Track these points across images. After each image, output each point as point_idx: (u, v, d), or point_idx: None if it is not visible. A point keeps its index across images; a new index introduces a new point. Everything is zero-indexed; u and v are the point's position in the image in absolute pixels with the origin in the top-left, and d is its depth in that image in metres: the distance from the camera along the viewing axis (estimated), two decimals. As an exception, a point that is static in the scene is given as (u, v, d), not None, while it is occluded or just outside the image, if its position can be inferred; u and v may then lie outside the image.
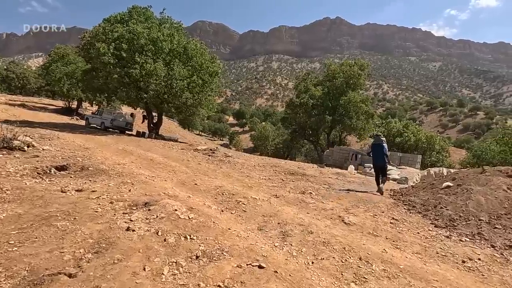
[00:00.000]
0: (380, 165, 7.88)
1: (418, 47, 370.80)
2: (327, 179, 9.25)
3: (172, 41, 18.15)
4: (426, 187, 7.34)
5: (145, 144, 13.61)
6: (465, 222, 5.29)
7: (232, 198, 5.66)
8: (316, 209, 5.48)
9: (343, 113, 22.43)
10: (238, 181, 7.45)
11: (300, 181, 8.57)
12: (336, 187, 8.11)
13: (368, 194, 7.39)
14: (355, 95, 21.02)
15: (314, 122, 22.81)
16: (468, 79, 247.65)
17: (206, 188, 6.30)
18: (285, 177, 9.04)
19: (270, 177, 8.68)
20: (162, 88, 17.57)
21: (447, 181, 6.99)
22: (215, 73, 21.21)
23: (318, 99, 22.99)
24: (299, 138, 27.38)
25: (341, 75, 22.80)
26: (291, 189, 7.09)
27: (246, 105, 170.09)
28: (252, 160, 12.23)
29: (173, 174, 7.53)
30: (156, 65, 16.58)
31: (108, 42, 16.37)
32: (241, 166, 10.19)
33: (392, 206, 6.39)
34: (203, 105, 21.42)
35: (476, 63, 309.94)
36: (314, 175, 9.88)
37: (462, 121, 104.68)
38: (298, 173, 9.89)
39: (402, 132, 22.47)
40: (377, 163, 7.95)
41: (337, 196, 6.82)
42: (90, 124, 21.51)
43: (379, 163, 7.88)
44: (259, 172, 9.58)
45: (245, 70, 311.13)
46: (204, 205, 5.06)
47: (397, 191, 8.05)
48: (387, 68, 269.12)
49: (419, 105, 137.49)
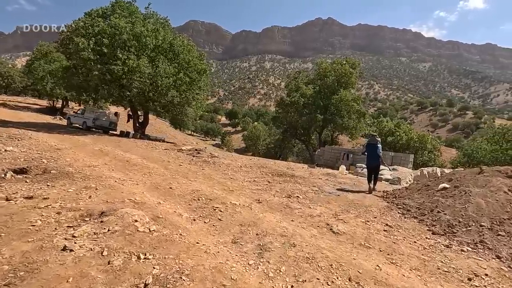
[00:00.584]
0: (373, 165, 7.80)
1: (408, 47, 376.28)
2: (316, 181, 8.71)
3: (157, 36, 17.39)
4: (421, 188, 6.86)
5: (126, 144, 12.84)
6: (465, 228, 4.80)
7: (209, 204, 5.04)
8: (302, 216, 4.91)
9: (334, 112, 22.00)
10: (219, 184, 6.83)
11: (287, 183, 8.00)
12: (325, 189, 7.57)
13: (360, 197, 6.87)
14: (347, 94, 20.61)
15: (305, 121, 22.32)
16: (457, 80, 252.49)
17: (182, 193, 5.67)
18: (272, 179, 8.46)
19: (256, 179, 8.08)
20: (146, 85, 16.79)
21: (443, 183, 6.53)
22: (203, 70, 20.52)
23: (309, 98, 22.51)
24: (291, 137, 26.89)
25: (332, 74, 22.37)
26: (277, 193, 6.51)
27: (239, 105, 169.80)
28: (239, 161, 11.62)
29: (148, 177, 6.86)
30: (140, 61, 15.80)
31: (88, 37, 15.52)
32: (226, 168, 9.57)
33: (385, 211, 5.88)
34: (191, 104, 20.71)
35: (465, 64, 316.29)
36: (303, 176, 9.33)
37: (452, 121, 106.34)
38: (286, 174, 9.33)
39: (394, 131, 22.21)
40: (370, 163, 7.86)
41: (326, 200, 6.27)
42: (72, 124, 20.55)
43: (373, 163, 7.79)
44: (245, 173, 8.98)
45: (237, 70, 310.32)
46: (174, 213, 4.43)
47: (390, 193, 7.57)
48: (378, 69, 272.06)
49: (410, 105, 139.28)
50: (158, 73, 16.50)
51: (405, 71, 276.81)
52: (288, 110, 24.11)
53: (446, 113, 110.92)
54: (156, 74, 16.51)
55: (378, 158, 7.62)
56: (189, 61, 18.92)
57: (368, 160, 7.87)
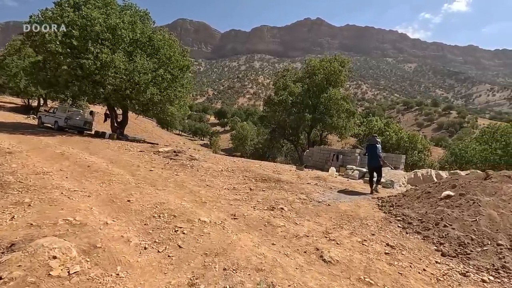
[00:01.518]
0: (374, 166, 7.68)
1: (394, 48, 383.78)
2: (304, 186, 7.83)
3: (135, 29, 16.14)
4: (420, 196, 6.09)
5: (96, 146, 11.62)
6: (480, 248, 4.01)
7: (171, 223, 4.06)
8: (285, 237, 3.99)
9: (323, 111, 21.28)
10: (191, 194, 5.84)
11: (272, 190, 7.09)
12: (314, 196, 6.70)
13: (353, 206, 6.04)
14: (336, 92, 19.93)
15: (294, 121, 21.51)
16: (441, 80, 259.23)
17: (141, 207, 4.65)
18: (255, 185, 7.52)
19: (236, 186, 7.13)
20: (123, 82, 15.53)
21: (446, 189, 5.77)
22: (186, 67, 19.38)
23: (297, 96, 21.71)
24: (279, 137, 26.07)
25: (321, 72, 21.66)
26: (258, 204, 5.57)
27: (228, 104, 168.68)
28: (221, 164, 10.64)
29: (106, 186, 5.80)
30: (115, 56, 14.54)
31: (57, 28, 14.15)
32: (204, 172, 8.57)
33: (384, 224, 5.05)
34: (173, 103, 19.53)
35: (449, 65, 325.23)
36: (290, 181, 8.44)
37: (437, 120, 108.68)
38: (271, 179, 8.42)
39: (384, 131, 21.74)
40: (371, 164, 7.75)
41: (316, 212, 5.39)
42: (44, 124, 18.99)
43: (374, 164, 7.67)
44: (225, 179, 8.01)
45: (227, 69, 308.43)
46: (121, 239, 3.43)
47: (386, 200, 6.78)
48: (365, 69, 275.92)
49: (396, 105, 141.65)
50: (135, 68, 15.27)
51: (392, 71, 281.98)
52: (276, 109, 23.23)
53: (431, 112, 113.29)
54: (133, 70, 15.28)
55: (378, 159, 7.47)
56: (170, 56, 17.74)
57: (369, 161, 7.74)
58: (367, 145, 7.98)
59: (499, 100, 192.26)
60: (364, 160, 15.35)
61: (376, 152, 7.49)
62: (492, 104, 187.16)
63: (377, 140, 7.77)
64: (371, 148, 7.71)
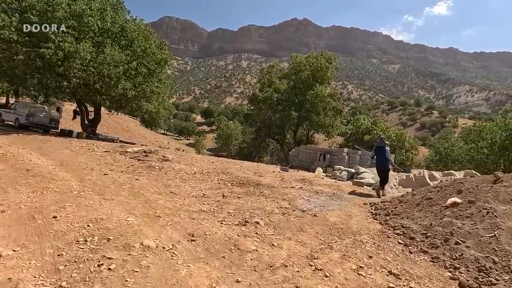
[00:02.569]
0: (383, 169, 7.56)
1: (379, 50, 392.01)
2: (288, 191, 6.84)
3: (104, 18, 14.67)
4: (420, 202, 5.21)
5: (53, 146, 10.19)
6: (507, 275, 3.12)
7: (98, 252, 2.92)
8: (256, 268, 2.94)
9: (309, 108, 20.46)
10: (145, 204, 4.69)
11: (250, 196, 6.05)
12: (298, 204, 5.71)
13: (344, 217, 5.08)
14: (322, 89, 19.13)
15: (279, 119, 20.56)
16: (423, 81, 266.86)
17: (67, 227, 3.48)
18: (230, 190, 6.46)
19: (207, 192, 6.03)
20: (90, 75, 14.06)
21: (451, 196, 4.91)
22: (164, 61, 18.05)
23: (283, 93, 20.77)
24: (265, 136, 25.09)
25: (307, 68, 20.82)
26: (229, 216, 4.51)
27: (215, 103, 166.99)
28: (196, 165, 9.50)
29: (36, 196, 4.57)
30: (80, 45, 13.06)
31: (12, 12, 12.55)
32: (173, 175, 7.42)
33: (381, 240, 4.11)
34: (151, 99, 18.15)
35: (430, 66, 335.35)
36: (272, 184, 7.42)
37: (419, 120, 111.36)
38: (250, 182, 7.38)
39: (371, 129, 21.19)
40: (380, 168, 7.63)
41: (299, 225, 4.39)
42: (4, 121, 17.16)
43: (383, 167, 7.55)
44: (196, 183, 6.90)
45: (214, 69, 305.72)
46: (6, 285, 2.28)
47: (380, 207, 5.88)
48: (351, 69, 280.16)
49: (381, 105, 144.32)
50: (104, 60, 13.83)
51: (376, 72, 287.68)
52: (260, 107, 22.21)
53: (414, 112, 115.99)
54: (101, 62, 13.83)
55: (387, 162, 7.43)
56: (145, 49, 16.37)
57: (377, 164, 7.68)
58: (375, 148, 7.82)
59: (477, 101, 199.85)
60: (353, 160, 14.68)
61: (385, 155, 7.42)
62: (471, 105, 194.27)
63: (386, 143, 7.68)
64: (379, 150, 7.58)
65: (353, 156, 14.01)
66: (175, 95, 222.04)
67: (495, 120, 19.11)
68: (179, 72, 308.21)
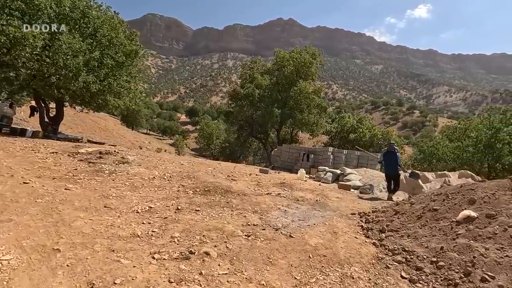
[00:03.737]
0: (392, 175, 7.36)
1: (362, 50, 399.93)
2: (262, 200, 5.64)
3: (62, 1, 12.94)
4: (423, 215, 4.15)
5: (-13, 146, 8.52)
6: None
7: None
8: None
9: (293, 106, 19.43)
10: (51, 228, 3.34)
11: (211, 209, 4.80)
12: (272, 218, 4.53)
13: (328, 235, 3.94)
14: (306, 85, 18.11)
15: (261, 117, 19.37)
16: (405, 81, 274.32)
17: None
18: (190, 201, 5.18)
19: (157, 205, 4.73)
20: (44, 65, 12.31)
21: (462, 206, 3.87)
22: (134, 53, 16.41)
23: (265, 89, 19.60)
24: (248, 135, 23.84)
25: (290, 63, 19.76)
26: (169, 244, 3.24)
27: (200, 103, 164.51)
28: (160, 168, 8.17)
29: None
30: (29, 31, 11.31)
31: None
32: (123, 182, 6.06)
33: (379, 273, 2.98)
34: (120, 95, 16.48)
35: (411, 67, 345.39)
36: (243, 191, 6.21)
37: (401, 119, 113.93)
38: (218, 189, 6.14)
39: (357, 128, 20.44)
40: (388, 172, 7.42)
41: (267, 254, 3.19)
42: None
43: (391, 172, 7.35)
44: (148, 192, 5.58)
45: (199, 67, 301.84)
46: None
47: (372, 218, 4.80)
48: (336, 69, 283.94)
49: (365, 104, 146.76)
50: (59, 49, 12.13)
51: (360, 72, 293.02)
52: (242, 104, 20.95)
53: (397, 112, 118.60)
54: (56, 51, 12.12)
55: (396, 167, 7.27)
56: (111, 38, 14.71)
57: (386, 168, 7.49)
58: (385, 152, 7.68)
59: (455, 101, 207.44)
60: (338, 160, 13.73)
61: (396, 160, 7.25)
62: (449, 104, 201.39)
63: (396, 148, 7.56)
64: (389, 155, 7.39)
65: (338, 156, 13.05)
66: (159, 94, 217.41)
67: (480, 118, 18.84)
68: (164, 70, 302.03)
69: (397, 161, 7.24)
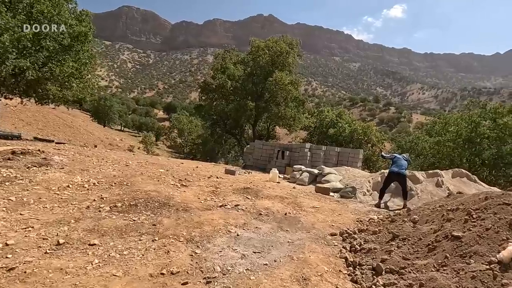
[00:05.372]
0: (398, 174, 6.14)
1: (341, 48, 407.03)
2: (207, 219, 4.01)
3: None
4: (437, 246, 2.72)
5: None
6: None
7: None
8: None
9: (269, 98, 17.90)
10: None
11: (120, 239, 3.11)
12: (210, 254, 2.93)
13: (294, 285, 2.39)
14: (283, 76, 16.62)
15: (233, 110, 17.66)
16: (381, 79, 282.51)
17: None
18: (93, 225, 3.45)
19: (24, 240, 2.97)
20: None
21: (502, 236, 2.47)
22: (83, 35, 14.08)
23: (238, 80, 17.87)
24: (222, 132, 22.07)
25: (266, 52, 18.18)
26: None
27: (179, 98, 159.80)
28: (90, 172, 6.31)
29: None
30: None
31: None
32: (8, 194, 4.20)
33: None
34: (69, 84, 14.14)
35: (387, 65, 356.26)
36: (187, 205, 4.55)
37: (378, 115, 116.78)
38: (152, 202, 4.43)
39: (336, 122, 19.35)
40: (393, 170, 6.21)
41: None
42: None
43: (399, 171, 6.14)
44: (38, 211, 3.78)
45: (178, 63, 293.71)
46: None
47: (359, 245, 3.33)
48: (315, 67, 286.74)
49: (343, 101, 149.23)
50: (-25, 23, 9.74)
51: (338, 69, 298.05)
52: (214, 97, 19.10)
53: (374, 108, 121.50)
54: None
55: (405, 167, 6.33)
56: (52, 15, 12.35)
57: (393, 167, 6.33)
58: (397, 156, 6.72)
59: (427, 98, 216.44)
60: (316, 157, 12.38)
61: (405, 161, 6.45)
62: (422, 101, 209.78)
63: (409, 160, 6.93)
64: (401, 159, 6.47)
65: (316, 153, 11.68)
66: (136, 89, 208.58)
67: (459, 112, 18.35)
68: (141, 65, 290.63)
69: (405, 161, 6.48)
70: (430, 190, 6.72)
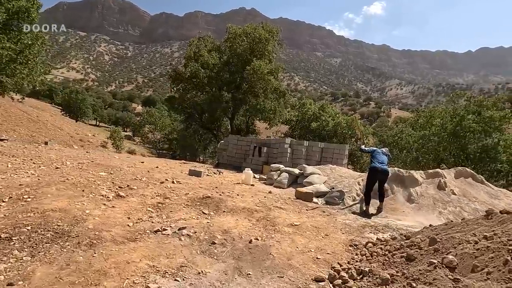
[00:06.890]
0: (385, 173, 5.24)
1: (323, 43, 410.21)
2: (121, 261, 2.50)
3: None
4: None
5: None
6: None
7: None
8: None
9: (247, 89, 16.33)
10: None
11: None
12: None
13: None
14: (262, 64, 15.08)
15: (207, 102, 15.95)
16: (361, 74, 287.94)
17: None
18: None
19: None
20: None
21: None
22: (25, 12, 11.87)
23: (213, 69, 16.11)
24: (196, 126, 20.29)
25: (244, 39, 16.53)
26: None
27: (160, 93, 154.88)
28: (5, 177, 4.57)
29: None
30: None
31: None
32: None
33: None
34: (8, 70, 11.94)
35: (367, 61, 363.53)
36: (100, 234, 3.01)
37: (359, 110, 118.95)
38: (49, 231, 2.86)
39: (319, 116, 18.20)
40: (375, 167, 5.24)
41: None
42: None
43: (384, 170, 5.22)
44: None
45: (158, 56, 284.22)
46: None
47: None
48: (297, 62, 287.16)
49: (325, 96, 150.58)
50: None
51: (320, 65, 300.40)
52: (186, 88, 17.26)
53: (354, 103, 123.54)
54: None
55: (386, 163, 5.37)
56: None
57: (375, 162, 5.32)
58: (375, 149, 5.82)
59: (405, 93, 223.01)
60: (297, 154, 11.05)
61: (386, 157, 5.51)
62: (400, 97, 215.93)
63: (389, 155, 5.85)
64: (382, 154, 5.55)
65: (297, 149, 10.35)
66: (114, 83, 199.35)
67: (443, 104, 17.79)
68: (119, 58, 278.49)
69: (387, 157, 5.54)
70: (432, 194, 5.56)
